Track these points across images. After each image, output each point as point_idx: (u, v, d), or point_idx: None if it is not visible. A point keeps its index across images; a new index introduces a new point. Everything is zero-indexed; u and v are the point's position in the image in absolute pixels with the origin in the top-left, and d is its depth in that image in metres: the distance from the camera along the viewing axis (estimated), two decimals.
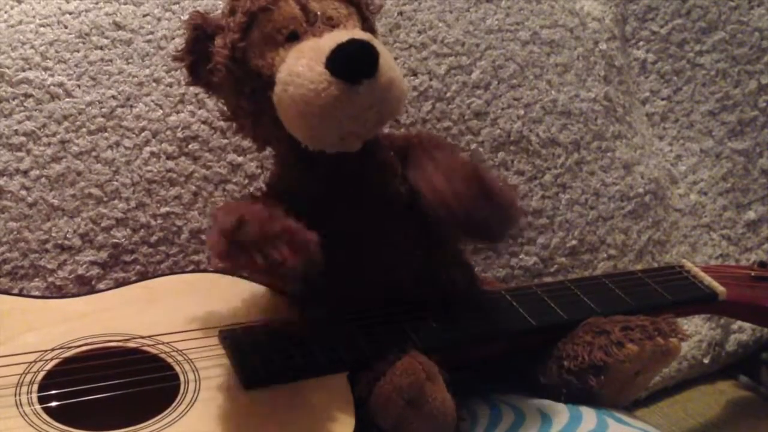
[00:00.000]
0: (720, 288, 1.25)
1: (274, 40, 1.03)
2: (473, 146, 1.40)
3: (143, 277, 1.23)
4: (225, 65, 1.06)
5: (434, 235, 1.12)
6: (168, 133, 1.26)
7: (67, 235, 1.21)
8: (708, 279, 1.26)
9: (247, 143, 1.28)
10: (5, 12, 1.26)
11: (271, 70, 1.02)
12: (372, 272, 1.08)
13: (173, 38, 1.30)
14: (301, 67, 0.98)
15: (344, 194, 1.08)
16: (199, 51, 1.08)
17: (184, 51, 1.10)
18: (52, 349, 1.01)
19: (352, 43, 0.97)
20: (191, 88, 1.26)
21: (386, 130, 1.31)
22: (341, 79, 0.96)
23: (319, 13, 1.03)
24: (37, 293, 1.19)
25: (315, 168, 1.07)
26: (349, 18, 1.06)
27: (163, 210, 1.25)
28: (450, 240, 1.16)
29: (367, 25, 1.09)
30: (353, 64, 0.97)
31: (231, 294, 1.12)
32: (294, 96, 0.99)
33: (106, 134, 1.25)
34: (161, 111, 1.26)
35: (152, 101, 1.27)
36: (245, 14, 1.04)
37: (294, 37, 1.02)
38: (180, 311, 1.07)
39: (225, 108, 1.14)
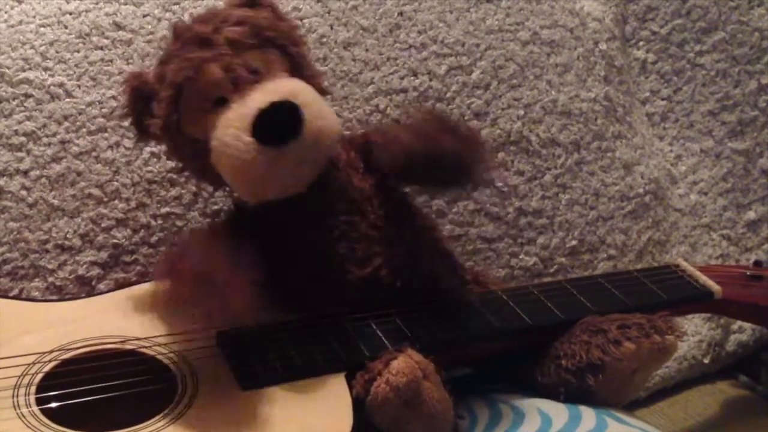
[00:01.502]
0: (715, 287, 1.25)
1: (203, 107, 1.04)
2: None
3: (144, 277, 1.22)
4: (163, 135, 1.09)
5: (406, 225, 1.12)
6: None
7: (67, 236, 1.21)
8: (703, 278, 1.26)
9: None
10: (5, 12, 1.26)
11: (206, 135, 1.04)
12: (346, 266, 1.08)
13: None
14: (229, 137, 1.01)
15: (306, 198, 1.08)
16: (141, 110, 1.10)
17: (127, 112, 1.13)
18: (50, 351, 1.01)
19: (274, 107, 0.99)
20: None
21: None
22: (268, 145, 0.99)
23: (242, 69, 1.04)
24: (37, 293, 1.18)
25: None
26: (272, 65, 1.07)
27: (164, 210, 1.25)
28: (425, 228, 1.17)
29: (293, 63, 1.09)
30: (277, 129, 0.99)
31: None
32: (226, 166, 1.02)
33: (106, 134, 1.25)
34: None
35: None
36: (172, 87, 1.05)
37: (222, 102, 1.03)
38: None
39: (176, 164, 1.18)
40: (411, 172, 1.10)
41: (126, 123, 1.25)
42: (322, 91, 1.11)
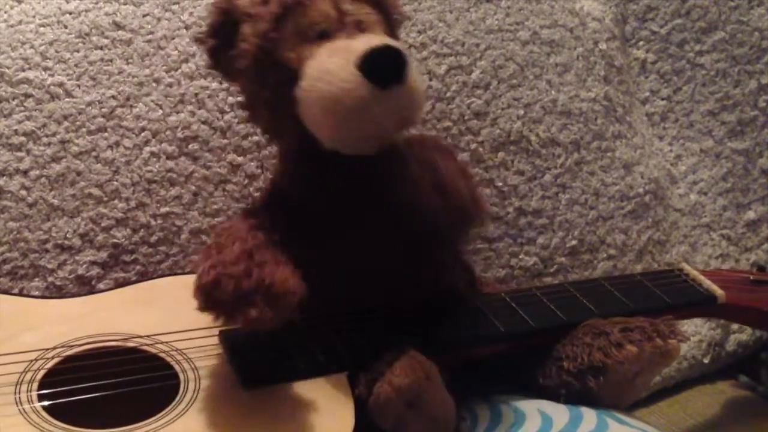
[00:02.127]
0: (719, 291, 1.25)
1: (306, 36, 1.02)
2: (473, 146, 1.40)
3: (143, 277, 1.23)
4: (252, 53, 1.04)
5: (437, 238, 1.12)
6: (168, 133, 1.26)
7: (67, 235, 1.21)
8: (707, 282, 1.26)
9: (247, 143, 1.28)
10: (5, 12, 1.27)
11: (300, 65, 1.01)
12: (374, 274, 1.08)
13: (173, 38, 1.30)
14: (333, 65, 0.98)
15: (349, 195, 1.08)
16: (222, 36, 1.07)
17: (207, 34, 1.09)
18: (53, 348, 1.01)
19: (386, 48, 0.98)
20: (191, 88, 1.27)
21: None
22: (372, 82, 0.96)
23: (351, 15, 1.03)
24: (37, 293, 1.19)
25: (323, 167, 1.07)
26: (378, 24, 1.06)
27: (163, 210, 1.25)
28: (453, 241, 1.17)
29: (393, 34, 1.09)
30: (385, 68, 0.97)
31: None
32: (322, 93, 0.99)
33: (106, 134, 1.25)
34: (161, 111, 1.26)
35: (152, 101, 1.27)
36: (280, 5, 1.04)
37: (325, 35, 1.02)
38: (179, 312, 1.07)
39: (242, 96, 1.13)
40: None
41: (125, 123, 1.25)
42: None
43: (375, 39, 1.00)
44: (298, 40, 1.03)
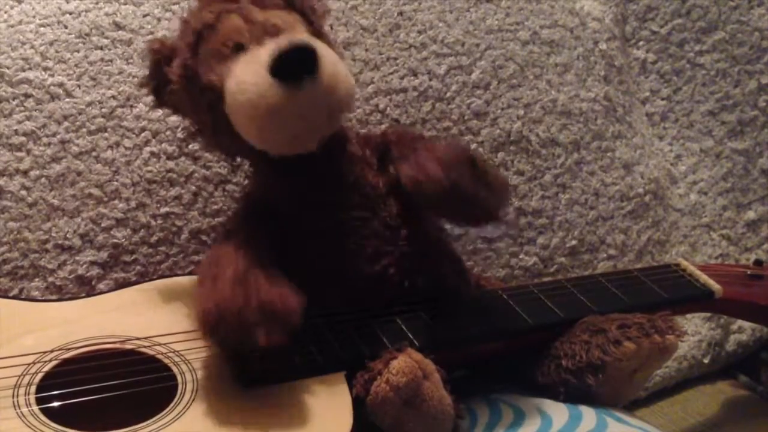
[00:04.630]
0: (716, 286, 1.25)
1: (221, 54, 1.04)
2: (473, 146, 1.40)
3: (143, 277, 1.23)
4: (180, 84, 1.08)
5: (417, 225, 1.13)
6: (168, 133, 1.26)
7: (67, 235, 1.21)
8: (704, 277, 1.26)
9: None
10: (5, 12, 1.26)
11: (221, 83, 1.03)
12: (355, 263, 1.09)
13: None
14: (245, 74, 1.00)
15: (319, 192, 1.10)
16: (160, 75, 1.10)
17: (147, 77, 1.13)
18: (51, 351, 1.01)
19: (292, 45, 0.99)
20: None
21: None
22: (283, 81, 0.98)
23: (262, 23, 1.05)
24: (37, 293, 1.19)
25: (285, 171, 1.09)
26: (293, 24, 1.07)
27: (163, 210, 1.25)
28: (435, 230, 1.17)
29: (314, 30, 1.10)
30: (292, 64, 0.98)
31: None
32: (241, 103, 1.01)
33: (106, 134, 1.25)
34: (161, 111, 1.26)
35: (152, 101, 1.26)
36: (192, 33, 1.07)
37: (240, 49, 1.03)
38: (177, 313, 1.07)
39: (191, 127, 1.17)
40: (436, 208, 1.11)
41: (125, 123, 1.25)
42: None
43: (284, 39, 1.00)
44: (216, 60, 1.05)
